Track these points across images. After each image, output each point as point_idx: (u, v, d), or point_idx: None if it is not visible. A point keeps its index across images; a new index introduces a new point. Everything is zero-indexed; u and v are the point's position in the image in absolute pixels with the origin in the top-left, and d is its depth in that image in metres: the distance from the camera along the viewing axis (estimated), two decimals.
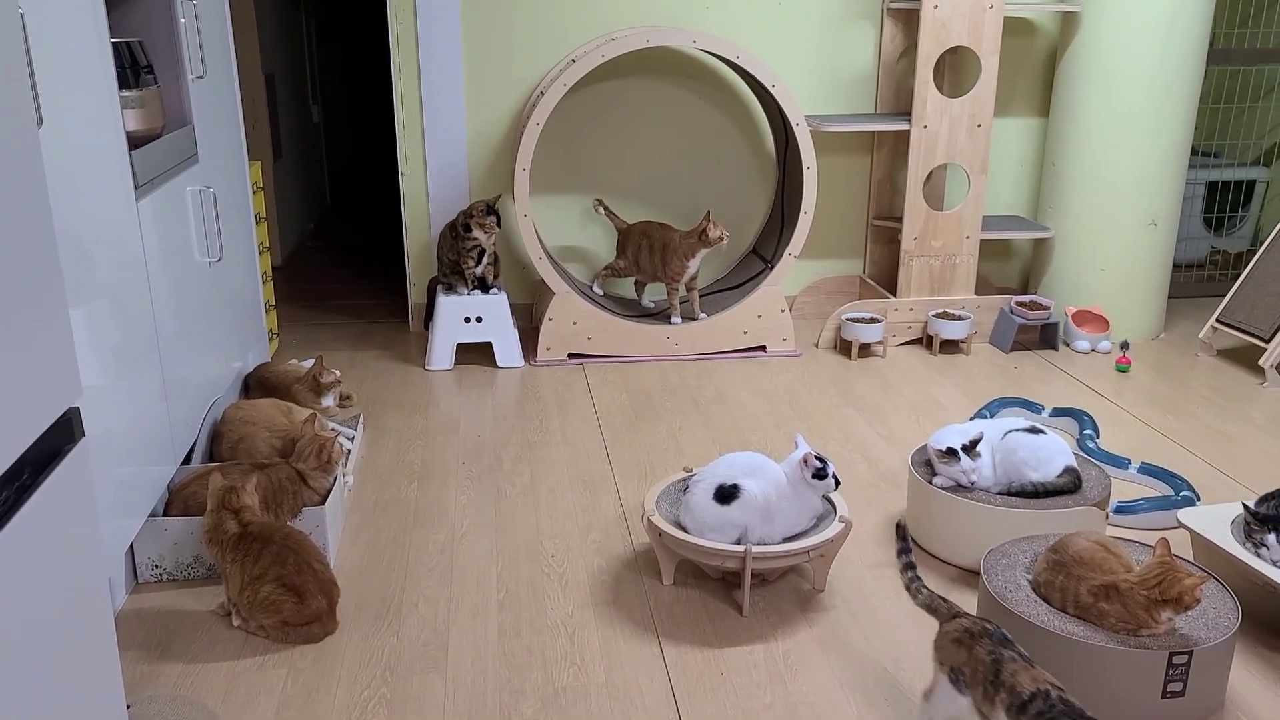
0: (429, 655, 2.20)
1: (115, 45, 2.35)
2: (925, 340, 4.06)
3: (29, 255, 1.28)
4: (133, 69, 2.48)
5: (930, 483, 2.52)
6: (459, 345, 3.84)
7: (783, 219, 4.09)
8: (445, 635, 2.26)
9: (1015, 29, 4.24)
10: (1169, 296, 4.28)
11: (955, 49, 4.03)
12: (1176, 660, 1.91)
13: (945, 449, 2.48)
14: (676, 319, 3.90)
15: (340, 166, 7.39)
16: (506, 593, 2.43)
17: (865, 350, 3.96)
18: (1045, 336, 4.02)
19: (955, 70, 4.16)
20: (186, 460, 2.68)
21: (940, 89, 3.90)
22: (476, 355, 3.90)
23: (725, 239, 3.79)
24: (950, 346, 4.02)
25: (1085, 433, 3.13)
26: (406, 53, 3.98)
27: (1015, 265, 4.56)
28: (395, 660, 2.18)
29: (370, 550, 2.60)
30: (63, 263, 1.91)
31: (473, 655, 2.20)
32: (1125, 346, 3.92)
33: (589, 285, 4.08)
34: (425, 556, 2.58)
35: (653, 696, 2.07)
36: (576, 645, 2.23)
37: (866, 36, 4.18)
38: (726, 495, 2.30)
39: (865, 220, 4.41)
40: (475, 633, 2.27)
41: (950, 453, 2.47)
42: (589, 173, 4.22)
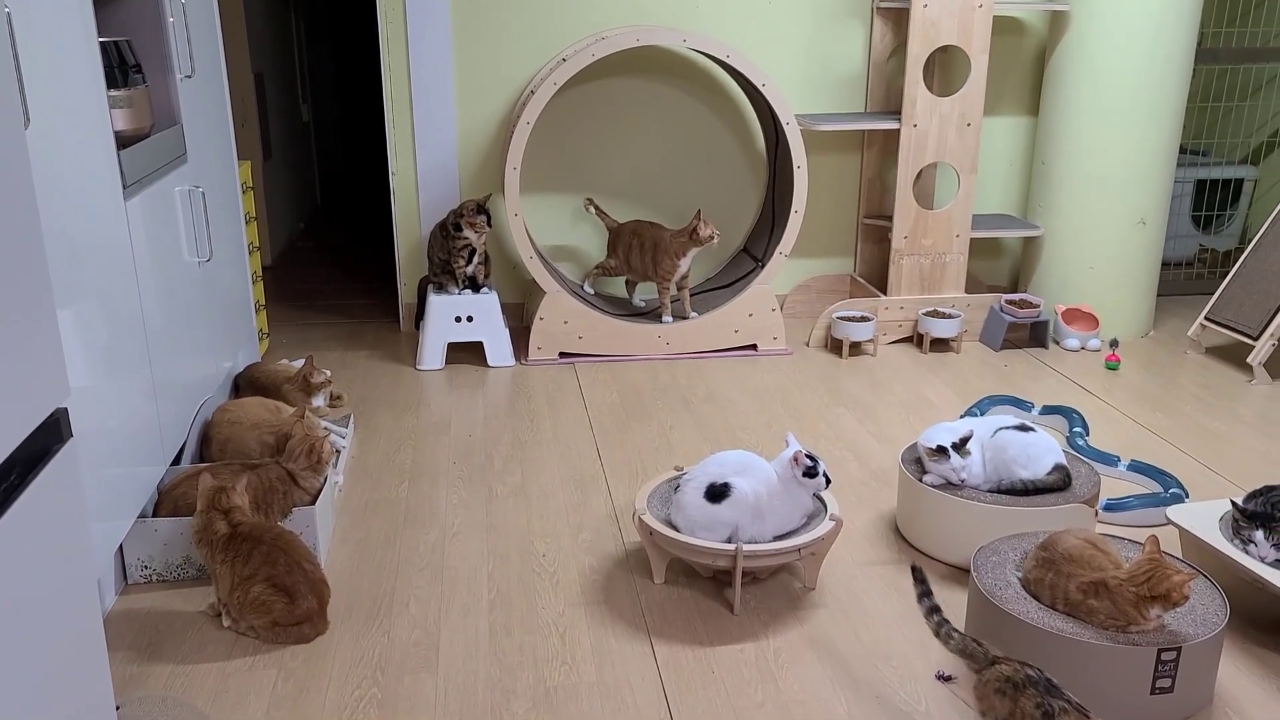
0: (420, 655, 2.19)
1: (103, 44, 2.35)
2: (916, 339, 4.06)
3: (16, 255, 1.27)
4: (121, 68, 2.47)
5: (920, 480, 2.53)
6: (450, 345, 3.84)
7: (773, 218, 4.09)
8: (436, 635, 2.26)
9: (1004, 28, 4.25)
10: (1158, 294, 4.29)
11: (945, 48, 4.04)
12: (1165, 657, 1.92)
13: (935, 447, 2.48)
14: (667, 318, 3.90)
15: (330, 166, 7.37)
16: (497, 592, 2.42)
17: (856, 349, 3.97)
18: (1035, 334, 4.03)
19: (945, 69, 4.17)
20: (176, 461, 2.67)
21: (930, 88, 3.91)
22: (467, 355, 3.90)
23: (716, 238, 3.80)
24: (940, 345, 4.03)
25: (1075, 430, 3.14)
26: (396, 52, 3.97)
27: (1005, 264, 4.57)
28: (386, 660, 2.18)
29: (361, 550, 2.60)
30: (51, 263, 1.91)
31: (464, 655, 2.20)
32: (1115, 344, 3.93)
33: (580, 284, 4.08)
34: (416, 556, 2.57)
35: (644, 695, 2.08)
36: (568, 644, 2.23)
37: (856, 35, 4.19)
38: (717, 494, 2.31)
39: (856, 219, 4.41)
40: (466, 632, 2.27)
41: (940, 450, 2.48)
42: (580, 172, 4.22)
